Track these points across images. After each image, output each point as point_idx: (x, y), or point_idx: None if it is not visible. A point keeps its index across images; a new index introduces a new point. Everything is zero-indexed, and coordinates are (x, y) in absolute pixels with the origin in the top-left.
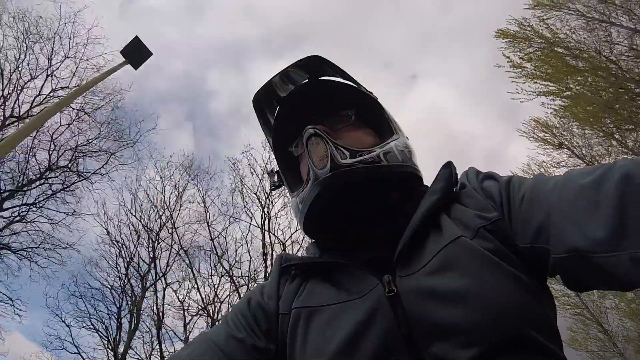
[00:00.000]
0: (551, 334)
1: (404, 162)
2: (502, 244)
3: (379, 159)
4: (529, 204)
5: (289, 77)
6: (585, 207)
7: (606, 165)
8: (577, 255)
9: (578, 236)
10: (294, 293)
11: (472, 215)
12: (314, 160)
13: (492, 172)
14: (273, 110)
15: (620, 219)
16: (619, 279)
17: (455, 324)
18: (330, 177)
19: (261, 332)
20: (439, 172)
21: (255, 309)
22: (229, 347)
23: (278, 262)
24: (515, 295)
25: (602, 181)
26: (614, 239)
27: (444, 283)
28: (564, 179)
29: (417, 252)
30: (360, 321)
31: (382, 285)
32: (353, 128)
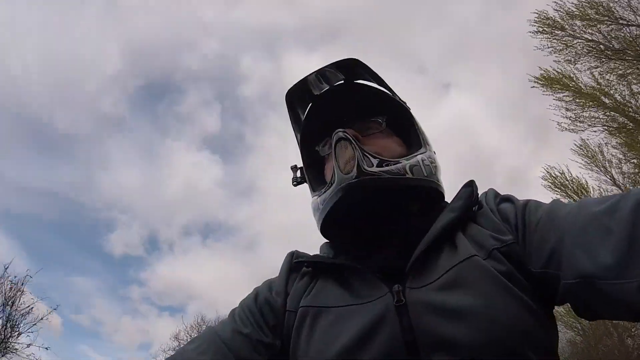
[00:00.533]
0: (551, 358)
1: (428, 177)
2: (514, 267)
3: (405, 171)
4: (543, 229)
5: (324, 76)
6: (596, 234)
7: (621, 194)
8: (586, 281)
9: (587, 262)
10: (302, 291)
11: (487, 236)
12: (340, 164)
13: (510, 195)
14: (304, 107)
15: (630, 246)
16: (627, 307)
17: (458, 340)
18: (354, 183)
19: (267, 328)
20: (460, 190)
21: (262, 305)
22: (234, 342)
23: (289, 258)
24: (521, 318)
25: (616, 209)
26: (623, 265)
27: (452, 299)
28: (578, 206)
29: (430, 265)
30: (366, 326)
31: (391, 295)
32: (382, 135)
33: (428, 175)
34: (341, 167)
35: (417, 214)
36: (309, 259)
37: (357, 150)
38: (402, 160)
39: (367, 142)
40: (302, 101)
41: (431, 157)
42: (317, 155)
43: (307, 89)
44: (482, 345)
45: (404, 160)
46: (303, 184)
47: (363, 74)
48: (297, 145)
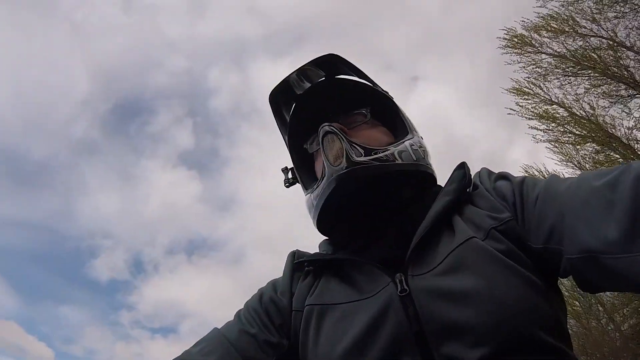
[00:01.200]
0: (561, 334)
1: (418, 161)
2: (514, 244)
3: (394, 157)
4: (542, 205)
5: (305, 75)
6: (598, 208)
7: (621, 167)
8: (589, 256)
9: (590, 237)
10: (307, 290)
11: (484, 215)
12: (329, 158)
13: (505, 173)
14: (289, 108)
15: (633, 220)
16: (631, 281)
17: (466, 324)
18: (345, 174)
19: (274, 328)
20: (452, 173)
21: (268, 305)
22: (241, 343)
23: (291, 258)
24: (526, 296)
25: (617, 183)
26: (627, 240)
27: (455, 283)
28: (577, 181)
29: (429, 252)
30: (372, 319)
31: (394, 284)
32: (368, 126)
33: (418, 160)
34: (330, 161)
35: (411, 200)
36: (308, 257)
37: (344, 142)
38: (390, 148)
39: (354, 134)
40: (286, 102)
41: (419, 142)
42: (307, 154)
43: (290, 88)
44: (490, 327)
45: (392, 147)
46: (295, 185)
47: (343, 68)
48: (283, 149)
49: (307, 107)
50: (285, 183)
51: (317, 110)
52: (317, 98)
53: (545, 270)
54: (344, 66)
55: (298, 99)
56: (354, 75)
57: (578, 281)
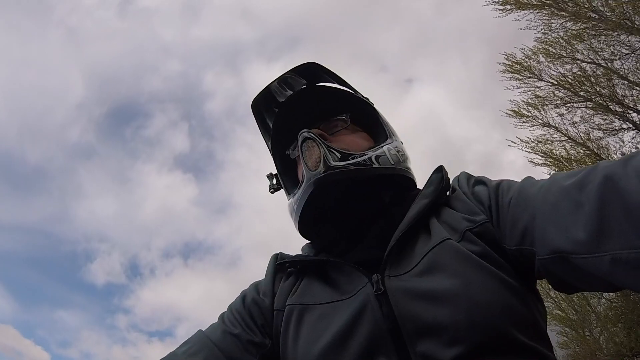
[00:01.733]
0: (537, 334)
1: (395, 165)
2: (489, 246)
3: (371, 162)
4: (515, 207)
5: (287, 82)
6: (567, 209)
7: (589, 167)
8: (560, 256)
9: (560, 237)
10: (288, 290)
11: (459, 218)
12: (308, 163)
13: (483, 177)
14: (272, 115)
15: (601, 220)
16: (601, 280)
17: (441, 323)
18: (322, 177)
19: (257, 328)
20: (430, 176)
21: (251, 305)
22: (225, 343)
23: (273, 259)
24: (500, 296)
25: (585, 183)
26: (595, 239)
27: (430, 284)
28: (549, 182)
29: (406, 253)
30: (349, 319)
31: (371, 285)
32: (348, 132)
33: (395, 164)
34: (309, 166)
35: (390, 203)
36: (290, 259)
37: (322, 147)
38: (368, 152)
39: (334, 140)
40: (268, 109)
41: (397, 146)
42: (290, 160)
43: (272, 96)
44: (465, 326)
45: (369, 152)
46: (280, 191)
47: (324, 76)
48: (269, 154)
49: (289, 115)
50: (270, 189)
51: (298, 117)
52: (299, 105)
53: (521, 272)
54: (325, 74)
55: (280, 106)
56: (335, 82)
57: (551, 281)
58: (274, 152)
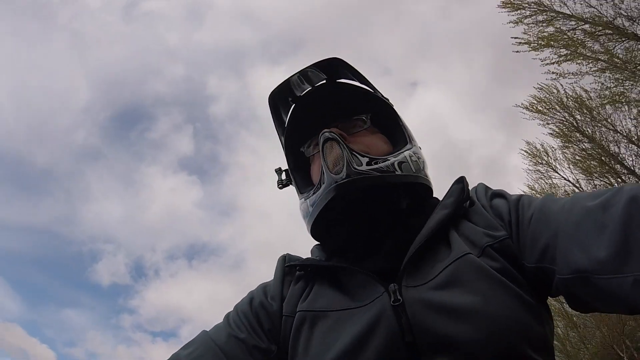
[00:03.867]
0: (547, 352)
1: (417, 173)
2: (508, 262)
3: (393, 168)
4: (537, 225)
5: (307, 77)
6: (590, 229)
7: (614, 189)
8: (581, 276)
9: (582, 257)
10: (298, 295)
11: (480, 233)
12: (329, 165)
13: (502, 190)
14: (288, 109)
15: (624, 241)
16: (622, 302)
17: (458, 339)
18: (345, 183)
19: (263, 333)
20: (451, 187)
21: (258, 309)
22: (229, 347)
23: (282, 262)
24: (518, 314)
25: (609, 204)
26: (617, 260)
27: (449, 298)
28: (571, 201)
29: (425, 264)
30: (364, 329)
31: (387, 294)
32: (367, 133)
33: (416, 171)
34: (330, 168)
35: (409, 211)
36: (301, 262)
37: (345, 149)
38: (390, 158)
39: (353, 141)
40: (285, 103)
41: (417, 152)
42: (302, 157)
43: (290, 90)
44: (482, 343)
45: (391, 157)
46: (288, 187)
47: (345, 72)
48: (282, 155)
49: (306, 110)
50: (279, 184)
51: (316, 113)
52: (317, 101)
53: (537, 288)
54: (347, 70)
55: (297, 100)
56: (356, 79)
57: (569, 300)
58: (286, 147)
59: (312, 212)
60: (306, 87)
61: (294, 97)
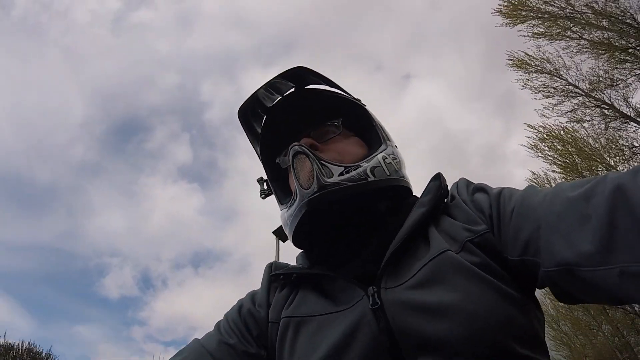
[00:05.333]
0: (536, 345)
1: (391, 176)
2: (489, 257)
3: (366, 175)
4: (518, 217)
5: (274, 87)
6: (574, 220)
7: (597, 177)
8: (566, 269)
9: (566, 249)
10: (283, 301)
11: (459, 228)
12: (300, 180)
13: (483, 184)
14: (260, 121)
15: (609, 233)
16: (608, 293)
17: (440, 338)
18: (316, 198)
19: (252, 338)
20: (428, 184)
21: (246, 316)
22: (220, 353)
23: (268, 270)
24: (500, 309)
25: (593, 194)
26: (602, 252)
27: (428, 296)
28: (553, 191)
29: (403, 264)
30: (345, 332)
31: (367, 297)
32: (341, 138)
33: (391, 174)
34: (301, 183)
35: (387, 213)
36: (284, 271)
37: (315, 162)
38: (363, 164)
39: (326, 148)
40: (256, 115)
41: (393, 152)
42: (280, 168)
43: (259, 102)
44: (465, 340)
45: (364, 163)
46: (271, 196)
47: (313, 79)
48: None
49: (277, 120)
50: (261, 194)
51: (288, 122)
52: (288, 110)
53: (522, 282)
54: (314, 76)
55: (268, 111)
56: (325, 84)
57: (554, 292)
58: (263, 158)
59: (290, 225)
60: (275, 97)
61: (264, 108)
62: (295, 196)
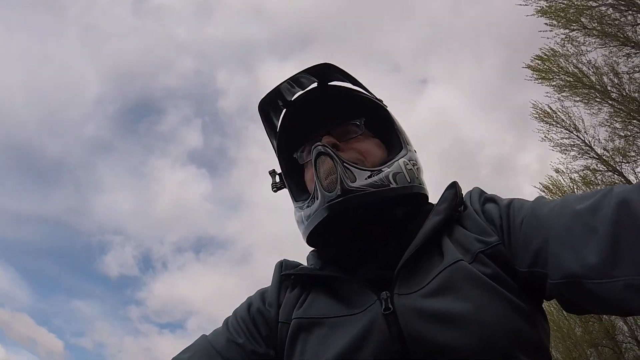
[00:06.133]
0: (542, 355)
1: (412, 183)
2: (501, 268)
3: (388, 182)
4: (527, 229)
5: (297, 82)
6: (580, 233)
7: (603, 190)
8: (573, 281)
9: (573, 262)
10: (294, 302)
11: (472, 239)
12: (322, 182)
13: (494, 195)
14: (279, 114)
15: (615, 246)
16: (613, 305)
17: (451, 346)
18: (339, 203)
19: (261, 338)
20: (444, 192)
21: (256, 315)
22: (228, 352)
23: (278, 268)
24: (510, 320)
25: (599, 207)
26: (608, 265)
27: (441, 305)
28: (561, 203)
29: (417, 272)
30: (356, 336)
31: (379, 302)
32: (362, 139)
33: (412, 181)
34: (324, 185)
35: (403, 219)
36: (296, 271)
37: (339, 165)
38: (384, 169)
39: (347, 148)
40: (276, 109)
41: (412, 158)
42: (297, 163)
43: (280, 96)
44: (474, 350)
45: (385, 167)
46: (283, 189)
47: (337, 75)
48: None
49: (297, 114)
50: (273, 187)
51: (308, 117)
52: (309, 105)
53: (530, 293)
54: (338, 73)
55: (288, 104)
56: (348, 82)
57: (562, 304)
58: (279, 152)
59: (307, 225)
60: (297, 90)
61: (284, 101)
62: (316, 196)
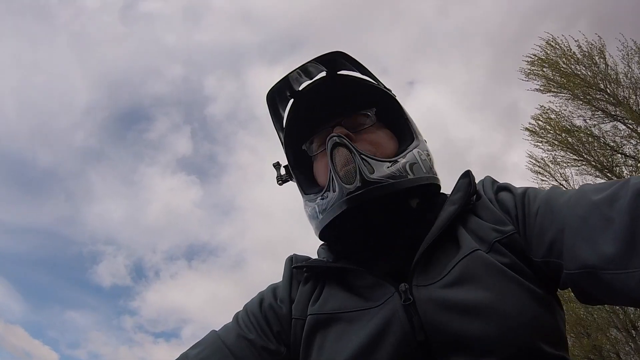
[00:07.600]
0: (560, 342)
1: (427, 173)
2: (517, 257)
3: (406, 172)
4: (543, 219)
5: (306, 71)
6: (597, 224)
7: (620, 181)
8: (588, 271)
9: (589, 253)
10: (307, 297)
11: (488, 228)
12: (340, 174)
13: (508, 184)
14: (286, 104)
15: (631, 237)
16: (628, 296)
17: (472, 336)
18: (360, 195)
19: (272, 334)
20: (458, 181)
21: (267, 311)
22: (239, 348)
23: (289, 263)
24: (530, 309)
25: (615, 198)
26: (624, 256)
27: (461, 295)
28: (577, 194)
29: (434, 262)
30: (377, 329)
31: (398, 294)
32: (374, 129)
33: (427, 171)
34: (341, 177)
35: (418, 210)
36: (309, 263)
37: (357, 156)
38: (400, 159)
39: (359, 139)
40: (284, 98)
41: (425, 148)
42: (304, 154)
43: (289, 85)
44: (495, 339)
45: (401, 158)
46: (288, 182)
47: (346, 64)
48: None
49: (306, 104)
50: (278, 180)
51: (317, 108)
52: (318, 95)
53: (546, 281)
54: (348, 62)
55: (296, 94)
56: (358, 71)
57: (576, 293)
58: (286, 144)
59: (323, 219)
60: (305, 80)
61: (292, 91)
62: (332, 188)
